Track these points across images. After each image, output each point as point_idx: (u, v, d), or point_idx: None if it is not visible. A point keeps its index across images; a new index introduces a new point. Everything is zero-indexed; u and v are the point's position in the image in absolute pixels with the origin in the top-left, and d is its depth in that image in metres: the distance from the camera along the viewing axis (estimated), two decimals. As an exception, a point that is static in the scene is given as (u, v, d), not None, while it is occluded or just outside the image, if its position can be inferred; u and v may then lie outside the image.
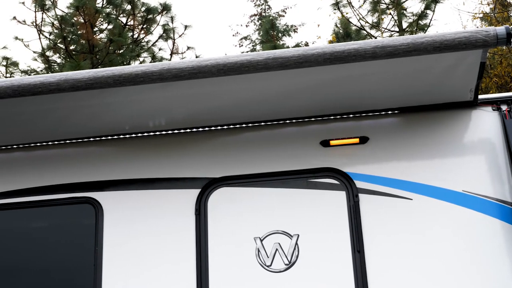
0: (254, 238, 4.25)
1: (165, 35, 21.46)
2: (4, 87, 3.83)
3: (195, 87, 3.99)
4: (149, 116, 4.51)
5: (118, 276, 4.30)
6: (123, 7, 21.43)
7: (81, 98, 4.04)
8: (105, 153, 4.70)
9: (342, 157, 4.39)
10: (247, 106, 4.38)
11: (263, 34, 23.62)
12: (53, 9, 20.89)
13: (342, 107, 4.43)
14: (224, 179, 4.43)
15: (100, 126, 4.61)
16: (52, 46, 21.26)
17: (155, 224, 4.39)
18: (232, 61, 3.69)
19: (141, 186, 4.51)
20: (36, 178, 4.67)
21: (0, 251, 4.76)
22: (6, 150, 4.83)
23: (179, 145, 4.61)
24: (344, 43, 3.66)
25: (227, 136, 4.61)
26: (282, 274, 4.16)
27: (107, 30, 21.49)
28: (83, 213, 4.57)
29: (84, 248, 4.48)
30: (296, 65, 3.63)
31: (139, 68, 3.75)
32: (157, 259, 4.31)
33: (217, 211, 4.35)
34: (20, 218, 4.76)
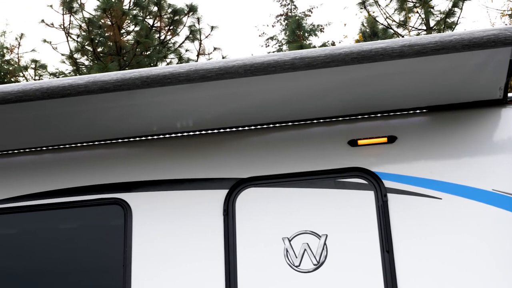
0: (283, 238, 4.25)
1: (191, 36, 21.52)
2: (33, 90, 3.87)
3: (222, 88, 3.99)
4: (176, 117, 4.52)
5: (147, 276, 4.32)
6: (149, 9, 21.53)
7: (109, 99, 4.06)
8: (133, 154, 4.72)
9: (370, 156, 4.37)
10: (274, 106, 4.38)
11: (290, 34, 23.61)
12: (80, 12, 21.05)
13: (370, 106, 4.41)
14: (252, 179, 4.43)
15: (128, 127, 4.63)
16: (80, 48, 21.42)
17: (183, 225, 4.41)
18: (259, 61, 3.69)
19: (169, 187, 4.53)
20: (65, 179, 4.71)
21: (31, 252, 4.80)
22: (36, 152, 4.87)
23: (207, 145, 4.62)
24: (371, 42, 3.64)
25: (255, 136, 4.61)
26: (311, 275, 4.15)
27: (134, 32, 21.61)
28: (112, 214, 4.60)
29: (113, 248, 4.50)
30: (323, 64, 3.62)
31: (167, 70, 3.77)
32: (186, 259, 4.32)
33: (245, 212, 4.35)
34: (50, 219, 4.80)
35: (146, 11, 21.49)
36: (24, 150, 4.88)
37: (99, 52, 21.02)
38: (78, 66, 21.76)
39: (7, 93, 3.89)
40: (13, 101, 3.90)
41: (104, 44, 21.23)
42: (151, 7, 21.49)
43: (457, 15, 18.71)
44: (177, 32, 21.73)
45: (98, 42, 21.12)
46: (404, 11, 19.32)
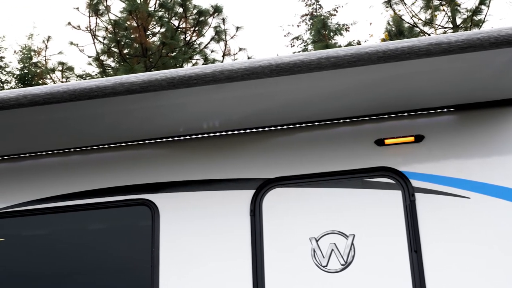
0: (310, 238, 4.24)
1: (217, 37, 21.57)
2: (61, 92, 3.90)
3: (248, 88, 3.99)
4: (202, 118, 4.53)
5: (175, 277, 4.33)
6: (175, 10, 21.62)
7: (135, 101, 4.08)
8: (160, 155, 4.74)
9: (397, 156, 4.35)
10: (300, 106, 4.37)
11: (315, 34, 23.58)
12: (106, 14, 21.20)
13: (397, 106, 4.38)
14: (279, 179, 4.42)
15: (154, 128, 4.65)
16: (106, 50, 21.57)
17: (210, 225, 4.41)
18: (284, 61, 3.68)
19: (196, 188, 4.54)
20: (93, 181, 4.74)
21: (60, 252, 4.84)
22: (64, 153, 4.90)
23: (233, 146, 4.63)
24: (397, 41, 3.62)
25: (281, 136, 4.60)
26: (338, 275, 4.13)
27: (159, 33, 21.71)
28: (140, 215, 4.62)
29: (141, 249, 4.52)
30: (349, 64, 3.60)
31: (193, 71, 3.77)
32: (213, 259, 4.33)
33: (272, 212, 4.35)
34: (78, 220, 4.83)
35: (172, 12, 21.58)
36: (52, 152, 4.91)
37: (125, 53, 21.14)
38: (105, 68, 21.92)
39: (36, 96, 3.93)
40: (41, 103, 3.93)
41: (130, 46, 21.36)
42: (177, 8, 21.58)
43: (484, 13, 18.58)
44: (203, 33, 21.79)
45: (124, 44, 21.25)
46: (430, 9, 19.21)
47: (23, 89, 4.01)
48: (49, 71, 22.43)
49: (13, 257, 4.91)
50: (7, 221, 4.84)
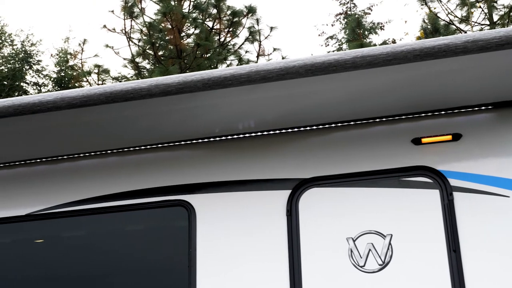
0: (347, 238, 4.21)
1: (251, 37, 21.61)
2: (97, 94, 3.93)
3: (283, 88, 3.98)
4: (238, 119, 4.53)
5: (212, 277, 4.34)
6: (209, 11, 21.70)
7: (171, 102, 4.09)
8: (196, 156, 4.75)
9: (434, 154, 4.31)
10: (335, 106, 4.35)
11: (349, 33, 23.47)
12: (141, 16, 21.35)
13: (434, 104, 4.34)
14: (315, 179, 4.41)
15: (190, 129, 4.66)
16: (141, 52, 21.73)
17: (246, 226, 4.41)
18: (319, 61, 3.67)
19: (232, 188, 4.54)
20: (130, 182, 4.76)
21: (98, 253, 4.89)
22: (101, 155, 4.94)
23: (269, 146, 4.62)
24: (433, 38, 3.58)
25: (317, 136, 4.59)
26: (376, 275, 4.11)
27: (194, 35, 21.81)
28: (176, 216, 4.64)
29: (178, 250, 4.54)
30: (385, 62, 3.58)
31: (228, 71, 3.78)
32: (250, 260, 4.32)
33: (308, 212, 4.34)
34: (115, 221, 4.87)
35: (206, 13, 21.67)
36: (90, 154, 4.96)
37: (160, 55, 21.28)
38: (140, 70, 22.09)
39: (73, 98, 3.97)
40: (78, 106, 3.97)
41: (165, 48, 21.50)
42: (211, 9, 21.66)
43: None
44: (237, 34, 21.85)
45: (159, 45, 21.39)
46: (466, 6, 19.01)
47: (60, 92, 4.05)
48: (85, 74, 22.68)
49: (52, 258, 4.96)
50: (46, 223, 4.90)
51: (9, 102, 4.08)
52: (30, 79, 34.56)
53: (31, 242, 5.11)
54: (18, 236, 5.10)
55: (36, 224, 4.91)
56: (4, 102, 4.09)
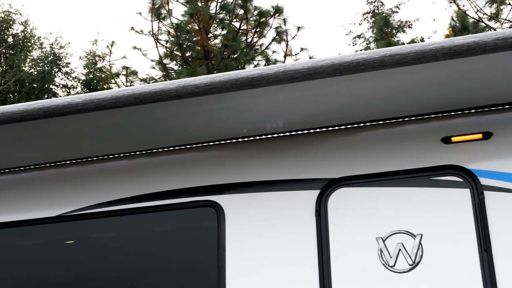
0: (376, 238, 4.19)
1: (278, 37, 21.62)
2: (126, 96, 3.95)
3: (311, 88, 3.97)
4: (266, 119, 4.53)
5: (241, 277, 4.34)
6: (236, 12, 21.74)
7: (199, 103, 4.10)
8: (224, 157, 4.76)
9: (464, 153, 4.26)
10: (364, 105, 4.33)
11: (377, 32, 23.38)
12: (168, 18, 21.46)
13: (463, 102, 4.30)
14: (344, 179, 4.39)
15: (218, 130, 4.67)
16: (169, 53, 21.84)
17: (275, 226, 4.41)
18: (347, 60, 3.65)
19: (261, 188, 4.54)
20: (158, 183, 4.78)
21: (127, 254, 4.91)
22: (130, 156, 4.97)
23: (297, 146, 4.61)
24: (463, 36, 3.55)
25: (346, 136, 4.57)
26: (406, 275, 4.07)
27: (221, 36, 21.86)
28: (205, 216, 4.64)
29: (207, 250, 4.54)
30: (413, 61, 3.55)
31: (255, 72, 3.78)
32: (279, 260, 4.32)
33: (337, 212, 4.32)
34: (144, 222, 4.89)
35: (233, 14, 21.72)
36: (119, 155, 4.99)
37: (187, 56, 21.37)
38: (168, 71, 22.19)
39: (102, 100, 3.99)
40: (107, 107, 3.99)
41: (192, 49, 21.58)
42: (237, 10, 21.69)
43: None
44: (264, 34, 21.87)
45: (186, 47, 21.48)
46: (495, 3, 18.82)
47: (90, 94, 4.08)
48: (114, 75, 22.84)
49: (83, 259, 5.00)
50: (76, 224, 4.93)
51: (39, 104, 4.12)
52: (59, 81, 34.90)
53: (62, 243, 5.15)
54: (49, 237, 5.15)
55: (67, 225, 4.95)
56: (34, 105, 4.13)
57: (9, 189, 5.13)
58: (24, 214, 4.99)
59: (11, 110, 4.16)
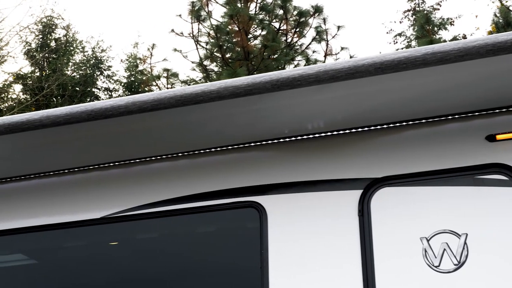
0: (420, 238, 4.14)
1: (318, 37, 21.57)
2: (167, 98, 3.98)
3: (352, 88, 3.95)
4: (307, 119, 4.52)
5: (284, 278, 4.33)
6: (275, 12, 21.75)
7: (240, 104, 4.11)
8: (266, 157, 4.76)
9: (510, 151, 4.20)
10: (406, 104, 4.29)
11: (418, 29, 23.15)
12: (208, 19, 21.57)
13: (508, 99, 4.23)
14: (386, 179, 4.35)
15: (259, 131, 4.67)
16: (209, 55, 21.95)
17: (318, 226, 4.39)
18: (389, 58, 3.63)
19: (303, 189, 4.53)
20: (200, 184, 4.79)
21: (170, 255, 4.94)
22: (172, 158, 4.99)
23: (339, 146, 4.59)
24: (507, 33, 3.50)
25: (388, 135, 4.53)
26: (452, 275, 4.02)
27: (261, 36, 21.90)
28: (247, 217, 4.65)
29: (250, 251, 4.54)
30: (456, 58, 3.51)
31: (296, 72, 3.77)
32: (322, 260, 4.30)
33: (380, 212, 4.28)
34: (187, 223, 4.92)
35: (272, 14, 21.74)
36: (161, 157, 5.02)
37: (227, 58, 21.44)
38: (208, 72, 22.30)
39: (144, 102, 4.02)
40: (149, 109, 4.02)
41: (232, 50, 21.66)
42: (277, 10, 21.70)
43: None
44: (304, 34, 21.85)
45: (226, 48, 21.57)
46: (539, -2, 18.52)
47: (132, 96, 4.11)
48: (155, 78, 23.02)
49: (126, 261, 5.05)
50: (119, 226, 4.98)
51: (82, 107, 4.17)
52: (101, 84, 35.37)
53: (106, 245, 5.21)
54: (94, 239, 5.20)
55: (111, 227, 4.99)
56: (78, 108, 4.18)
57: (54, 192, 5.19)
58: (69, 216, 5.04)
59: (55, 113, 4.22)
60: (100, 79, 35.09)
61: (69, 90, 31.94)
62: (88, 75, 33.61)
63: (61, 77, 30.86)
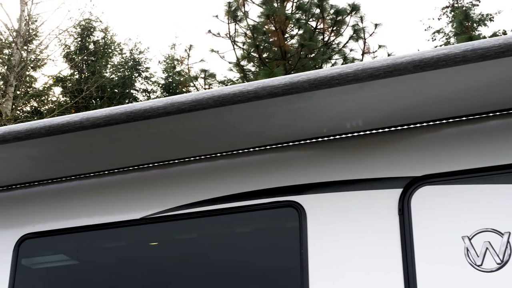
0: (462, 237, 4.09)
1: (355, 35, 21.46)
2: (206, 98, 3.99)
3: (391, 86, 3.93)
4: (345, 118, 4.49)
5: (324, 278, 4.31)
6: (312, 11, 21.70)
7: (277, 104, 4.11)
8: (304, 157, 4.74)
9: (554, 148, 4.13)
10: (446, 101, 4.24)
11: (457, 26, 22.90)
12: (244, 20, 21.59)
13: (552, 94, 4.16)
14: (427, 177, 4.30)
15: (297, 130, 4.66)
16: (246, 55, 21.98)
17: (357, 225, 4.36)
18: (428, 56, 3.59)
19: (342, 188, 4.50)
20: (239, 184, 4.80)
21: (209, 256, 4.96)
22: (210, 158, 5.01)
23: (378, 145, 4.56)
24: (549, 27, 3.44)
25: (428, 133, 4.48)
26: (494, 274, 3.96)
27: (298, 36, 21.87)
28: (286, 217, 4.64)
29: (289, 251, 4.53)
30: (497, 55, 3.46)
31: (334, 71, 3.76)
32: (362, 260, 4.27)
33: (420, 211, 4.23)
34: (226, 223, 4.93)
35: (309, 13, 21.68)
36: (200, 157, 5.03)
37: (264, 58, 21.44)
38: (245, 73, 22.33)
39: (182, 103, 4.04)
40: (187, 110, 4.04)
41: (269, 50, 21.66)
42: (314, 9, 21.64)
43: None
44: (341, 33, 21.76)
45: (263, 48, 21.57)
46: None
47: (170, 97, 4.13)
48: (192, 79, 23.11)
49: (166, 261, 5.07)
50: (159, 226, 5.00)
51: (122, 109, 4.20)
52: (139, 86, 35.67)
53: (146, 245, 5.24)
54: (134, 240, 5.24)
55: (150, 227, 5.03)
56: (117, 110, 4.22)
57: (94, 193, 5.25)
58: (109, 217, 5.09)
59: (95, 115, 4.26)
60: (138, 81, 35.39)
61: (108, 92, 32.27)
62: (126, 77, 33.92)
63: (100, 79, 31.19)
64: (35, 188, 5.48)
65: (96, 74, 31.53)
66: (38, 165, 5.15)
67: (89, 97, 31.50)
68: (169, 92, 33.17)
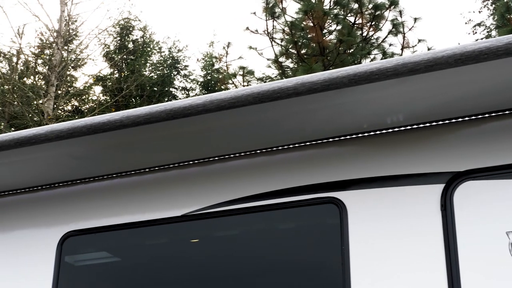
0: (507, 232, 4.04)
1: (394, 30, 21.29)
2: (245, 95, 3.99)
3: (431, 80, 3.88)
4: (386, 113, 4.46)
5: (366, 274, 4.29)
6: (350, 7, 21.58)
7: (317, 100, 4.09)
8: (345, 153, 4.72)
9: None
10: (488, 95, 4.18)
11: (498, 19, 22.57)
12: (282, 16, 21.56)
13: None
14: (469, 172, 4.24)
15: (337, 126, 4.64)
16: (284, 52, 21.94)
17: (399, 221, 4.33)
18: (469, 49, 3.55)
19: (383, 184, 4.47)
20: (280, 180, 4.79)
21: (250, 252, 4.96)
22: (250, 155, 5.01)
23: (419, 140, 4.51)
24: None
25: (470, 127, 4.43)
26: (540, 270, 3.91)
27: (336, 31, 21.76)
28: (327, 213, 4.62)
29: (330, 248, 4.51)
30: (542, 47, 3.41)
31: (374, 66, 3.73)
32: (404, 256, 4.23)
33: (463, 206, 4.18)
34: (266, 220, 4.92)
35: (347, 9, 21.57)
36: (239, 154, 5.04)
37: (303, 54, 21.39)
38: (284, 69, 22.31)
39: (221, 100, 4.05)
40: (227, 107, 4.05)
41: (308, 46, 21.60)
42: (352, 4, 21.52)
43: None
44: (379, 27, 21.60)
45: (301, 44, 21.52)
46: None
47: (209, 95, 4.15)
48: (231, 76, 23.16)
49: (207, 258, 5.09)
50: (200, 223, 5.03)
51: (161, 107, 4.23)
52: (178, 84, 35.86)
53: (187, 242, 5.27)
54: (175, 236, 5.27)
55: (191, 224, 5.05)
56: (157, 108, 4.24)
57: (135, 190, 5.29)
58: (150, 214, 5.13)
59: (135, 113, 4.30)
60: (177, 79, 35.60)
61: (147, 91, 32.53)
62: (165, 75, 34.14)
63: (139, 77, 31.44)
64: (77, 186, 5.54)
65: (136, 72, 31.79)
66: (80, 163, 5.21)
67: (129, 96, 31.78)
68: (208, 89, 33.30)
